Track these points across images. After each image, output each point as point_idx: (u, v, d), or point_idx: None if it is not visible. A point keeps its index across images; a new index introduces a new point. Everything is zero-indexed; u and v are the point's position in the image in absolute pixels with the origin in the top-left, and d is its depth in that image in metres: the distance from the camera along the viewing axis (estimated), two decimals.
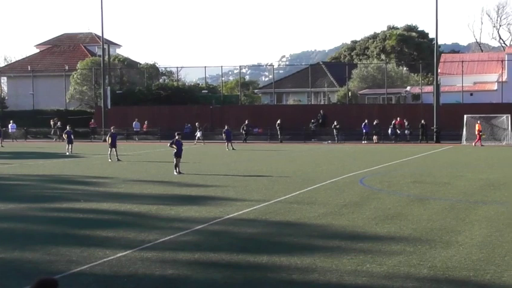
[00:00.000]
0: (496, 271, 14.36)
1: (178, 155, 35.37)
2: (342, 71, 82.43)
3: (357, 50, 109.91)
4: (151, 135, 71.53)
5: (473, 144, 57.73)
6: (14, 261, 16.41)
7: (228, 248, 16.81)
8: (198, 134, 66.60)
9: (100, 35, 76.96)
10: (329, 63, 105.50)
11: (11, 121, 75.79)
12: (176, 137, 36.23)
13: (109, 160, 43.55)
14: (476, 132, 58.59)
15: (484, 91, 72.69)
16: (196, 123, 68.13)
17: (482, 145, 57.40)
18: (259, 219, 20.96)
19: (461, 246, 16.71)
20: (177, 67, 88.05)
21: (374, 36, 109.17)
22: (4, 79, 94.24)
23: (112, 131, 45.73)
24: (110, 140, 44.27)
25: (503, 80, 72.12)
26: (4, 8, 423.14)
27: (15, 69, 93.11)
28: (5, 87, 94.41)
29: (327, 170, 37.00)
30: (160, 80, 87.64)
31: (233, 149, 54.92)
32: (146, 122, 73.21)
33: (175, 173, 34.93)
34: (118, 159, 43.63)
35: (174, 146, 35.62)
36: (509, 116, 60.07)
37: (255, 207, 23.20)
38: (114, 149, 43.99)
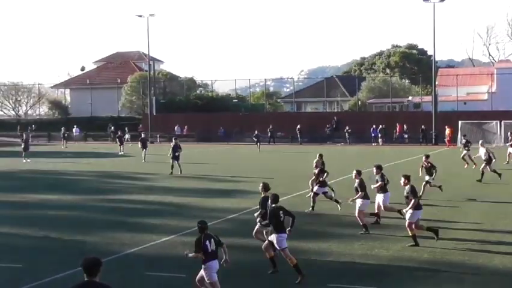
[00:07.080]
0: (487, 256, 14.33)
1: (174, 157, 33.72)
2: (352, 83, 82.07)
3: (366, 65, 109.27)
4: (190, 137, 71.55)
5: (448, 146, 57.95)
6: (77, 243, 16.72)
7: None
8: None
9: (147, 53, 77.37)
10: (341, 76, 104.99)
11: (75, 126, 76.50)
12: (174, 142, 34.94)
13: (143, 161, 41.91)
14: (447, 137, 59.13)
15: (475, 101, 72.07)
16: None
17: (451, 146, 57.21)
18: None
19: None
20: (211, 80, 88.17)
21: (380, 53, 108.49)
22: (67, 91, 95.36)
23: (143, 135, 47.00)
24: (141, 144, 43.41)
25: (493, 91, 71.60)
26: (66, 30, 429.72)
27: (77, 82, 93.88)
28: (68, 97, 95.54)
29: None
30: (197, 91, 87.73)
31: (259, 150, 53.76)
32: (186, 127, 73.31)
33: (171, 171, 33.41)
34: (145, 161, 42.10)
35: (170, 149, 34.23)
36: (498, 122, 59.34)
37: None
38: (145, 150, 42.85)
